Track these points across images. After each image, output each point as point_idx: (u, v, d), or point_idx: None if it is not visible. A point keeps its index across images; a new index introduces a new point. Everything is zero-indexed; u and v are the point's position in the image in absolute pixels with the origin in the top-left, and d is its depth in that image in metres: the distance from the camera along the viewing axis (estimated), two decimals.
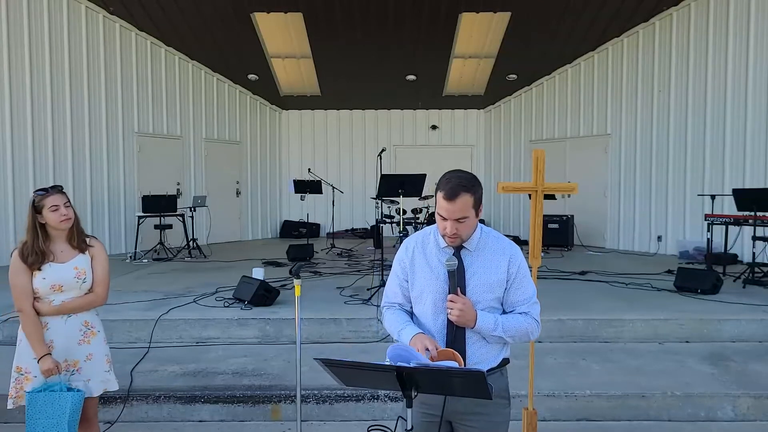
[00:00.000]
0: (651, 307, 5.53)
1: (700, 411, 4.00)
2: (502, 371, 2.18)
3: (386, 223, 8.70)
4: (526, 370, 3.39)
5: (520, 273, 2.14)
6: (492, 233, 2.21)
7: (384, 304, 2.34)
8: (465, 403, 2.08)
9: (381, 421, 3.93)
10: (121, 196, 9.88)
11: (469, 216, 2.05)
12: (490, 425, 2.13)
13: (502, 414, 2.16)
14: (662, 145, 9.71)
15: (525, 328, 2.12)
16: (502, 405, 2.16)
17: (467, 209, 2.04)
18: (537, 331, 2.16)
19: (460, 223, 2.05)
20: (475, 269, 2.12)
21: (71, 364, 2.85)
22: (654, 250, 9.79)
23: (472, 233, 2.13)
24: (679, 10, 9.40)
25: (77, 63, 9.20)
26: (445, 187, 2.04)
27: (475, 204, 2.07)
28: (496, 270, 2.12)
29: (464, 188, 2.03)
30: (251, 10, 9.48)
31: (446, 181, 2.06)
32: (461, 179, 2.05)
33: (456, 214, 2.03)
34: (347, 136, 13.22)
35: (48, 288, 2.78)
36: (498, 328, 2.08)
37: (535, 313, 2.15)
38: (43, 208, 2.78)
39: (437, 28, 9.84)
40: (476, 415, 2.11)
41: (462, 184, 2.03)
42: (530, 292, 2.17)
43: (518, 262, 2.15)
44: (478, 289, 2.11)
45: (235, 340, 5.16)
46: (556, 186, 3.53)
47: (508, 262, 2.13)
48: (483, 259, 2.14)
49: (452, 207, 2.02)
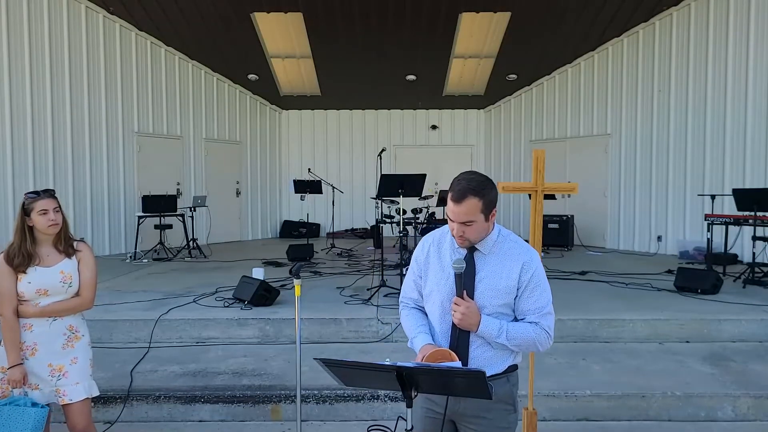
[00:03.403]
0: (651, 307, 5.53)
1: (700, 411, 4.00)
2: (508, 377, 2.13)
3: (386, 223, 8.69)
4: (526, 370, 3.38)
5: (533, 281, 2.07)
6: (510, 237, 2.15)
7: (401, 300, 2.34)
8: (468, 405, 2.07)
9: (381, 421, 3.93)
10: (121, 196, 9.88)
11: (477, 220, 2.00)
12: (491, 430, 2.11)
13: (506, 420, 2.13)
14: (662, 145, 9.71)
15: (532, 337, 2.05)
16: (507, 411, 2.12)
17: (474, 213, 1.99)
18: (547, 342, 2.08)
19: (466, 226, 2.01)
20: (485, 273, 2.08)
21: (56, 368, 2.82)
22: (654, 250, 9.79)
23: (485, 236, 2.08)
24: (679, 10, 9.40)
25: (77, 63, 9.20)
26: (454, 189, 2.02)
27: (485, 208, 2.01)
28: (506, 275, 2.06)
29: (472, 191, 1.99)
30: (251, 10, 9.48)
31: (457, 182, 2.03)
32: (470, 182, 2.00)
33: (461, 217, 2.00)
34: (347, 136, 13.22)
35: (33, 292, 2.76)
36: (502, 335, 2.03)
37: (546, 324, 2.07)
38: (32, 211, 2.77)
39: (437, 28, 9.85)
40: (479, 418, 2.10)
41: (471, 187, 1.99)
42: (543, 301, 2.08)
43: (532, 270, 2.07)
44: (485, 294, 2.06)
45: (235, 340, 5.16)
46: (556, 186, 3.53)
47: (520, 269, 2.06)
48: (495, 263, 2.09)
49: (458, 209, 2.00)
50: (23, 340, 2.78)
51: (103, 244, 9.60)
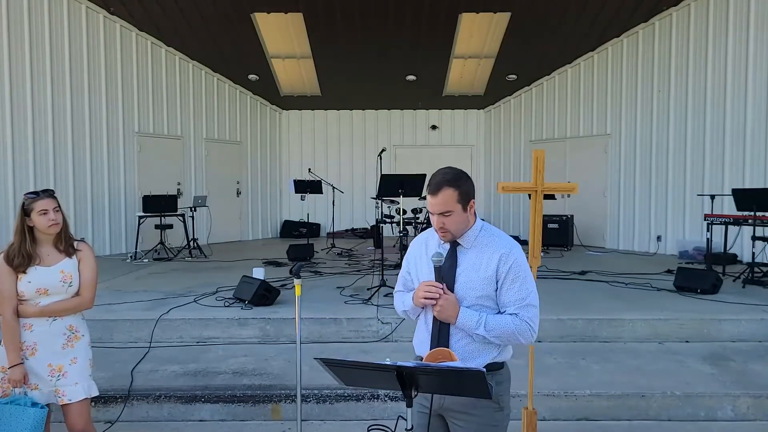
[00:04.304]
0: (651, 307, 5.54)
1: (700, 411, 4.00)
2: (493, 375, 2.11)
3: (386, 223, 8.70)
4: (526, 370, 3.39)
5: (512, 272, 2.09)
6: (492, 231, 2.20)
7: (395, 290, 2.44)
8: (453, 400, 2.10)
9: (381, 420, 3.94)
10: (121, 196, 9.88)
11: (454, 210, 2.08)
12: (477, 427, 2.11)
13: (492, 418, 2.13)
14: (662, 145, 9.71)
15: (512, 329, 2.05)
16: (492, 409, 2.12)
17: (451, 203, 2.07)
18: (529, 334, 2.07)
19: (445, 216, 2.08)
20: (465, 266, 2.13)
21: (56, 368, 2.82)
22: (654, 250, 9.80)
23: (464, 229, 2.14)
24: (679, 10, 9.40)
25: (77, 63, 9.20)
26: (431, 183, 2.11)
27: (461, 198, 2.08)
28: (484, 267, 2.11)
29: (447, 183, 2.07)
30: (251, 10, 9.48)
31: (433, 177, 2.13)
32: (445, 175, 2.10)
33: (439, 208, 2.08)
34: (347, 136, 13.22)
35: (33, 291, 2.77)
36: (480, 327, 2.05)
37: (527, 316, 2.08)
38: (32, 211, 2.77)
39: (437, 28, 9.85)
40: (463, 414, 2.12)
41: (446, 179, 2.08)
42: (524, 293, 2.09)
43: (511, 261, 2.09)
44: (464, 286, 2.11)
45: (236, 340, 5.17)
46: (556, 186, 3.53)
47: (498, 260, 2.09)
48: (474, 255, 2.14)
49: (435, 201, 2.08)
50: (23, 339, 2.78)
51: (104, 244, 9.60)
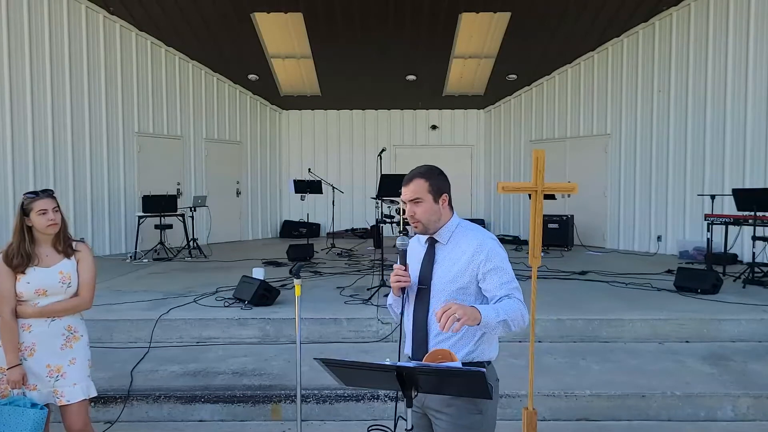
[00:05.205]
0: (651, 307, 5.53)
1: (700, 411, 4.00)
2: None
3: (386, 223, 8.70)
4: (526, 370, 3.39)
5: (490, 261, 2.13)
6: (468, 227, 2.26)
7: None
8: (433, 398, 2.11)
9: (381, 421, 3.94)
10: (121, 196, 9.88)
11: (424, 199, 2.17)
12: (454, 427, 2.11)
13: (468, 419, 2.11)
14: (662, 145, 9.71)
15: (515, 308, 2.07)
16: (469, 410, 2.10)
17: (421, 192, 2.17)
18: (526, 314, 2.12)
19: (415, 204, 2.17)
20: (441, 261, 2.20)
21: (55, 369, 2.81)
22: (654, 250, 9.79)
23: (437, 222, 2.20)
24: (679, 10, 9.40)
25: (77, 63, 9.20)
26: (405, 177, 2.24)
27: (432, 189, 2.18)
28: (458, 259, 2.16)
29: (418, 174, 2.20)
30: (251, 10, 9.48)
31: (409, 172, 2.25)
32: (419, 168, 2.24)
33: (409, 195, 2.19)
34: (347, 136, 13.22)
35: (32, 292, 2.77)
36: (500, 315, 2.01)
37: (518, 296, 2.13)
38: (31, 211, 2.76)
39: (437, 28, 9.85)
40: (441, 413, 2.14)
41: (419, 171, 2.22)
42: (508, 277, 2.14)
43: (486, 250, 2.14)
44: (441, 279, 2.17)
45: (236, 340, 5.16)
46: (556, 186, 3.53)
47: (473, 251, 2.14)
48: (450, 249, 2.20)
49: (406, 189, 2.21)
50: (22, 340, 2.78)
51: (104, 244, 9.60)
